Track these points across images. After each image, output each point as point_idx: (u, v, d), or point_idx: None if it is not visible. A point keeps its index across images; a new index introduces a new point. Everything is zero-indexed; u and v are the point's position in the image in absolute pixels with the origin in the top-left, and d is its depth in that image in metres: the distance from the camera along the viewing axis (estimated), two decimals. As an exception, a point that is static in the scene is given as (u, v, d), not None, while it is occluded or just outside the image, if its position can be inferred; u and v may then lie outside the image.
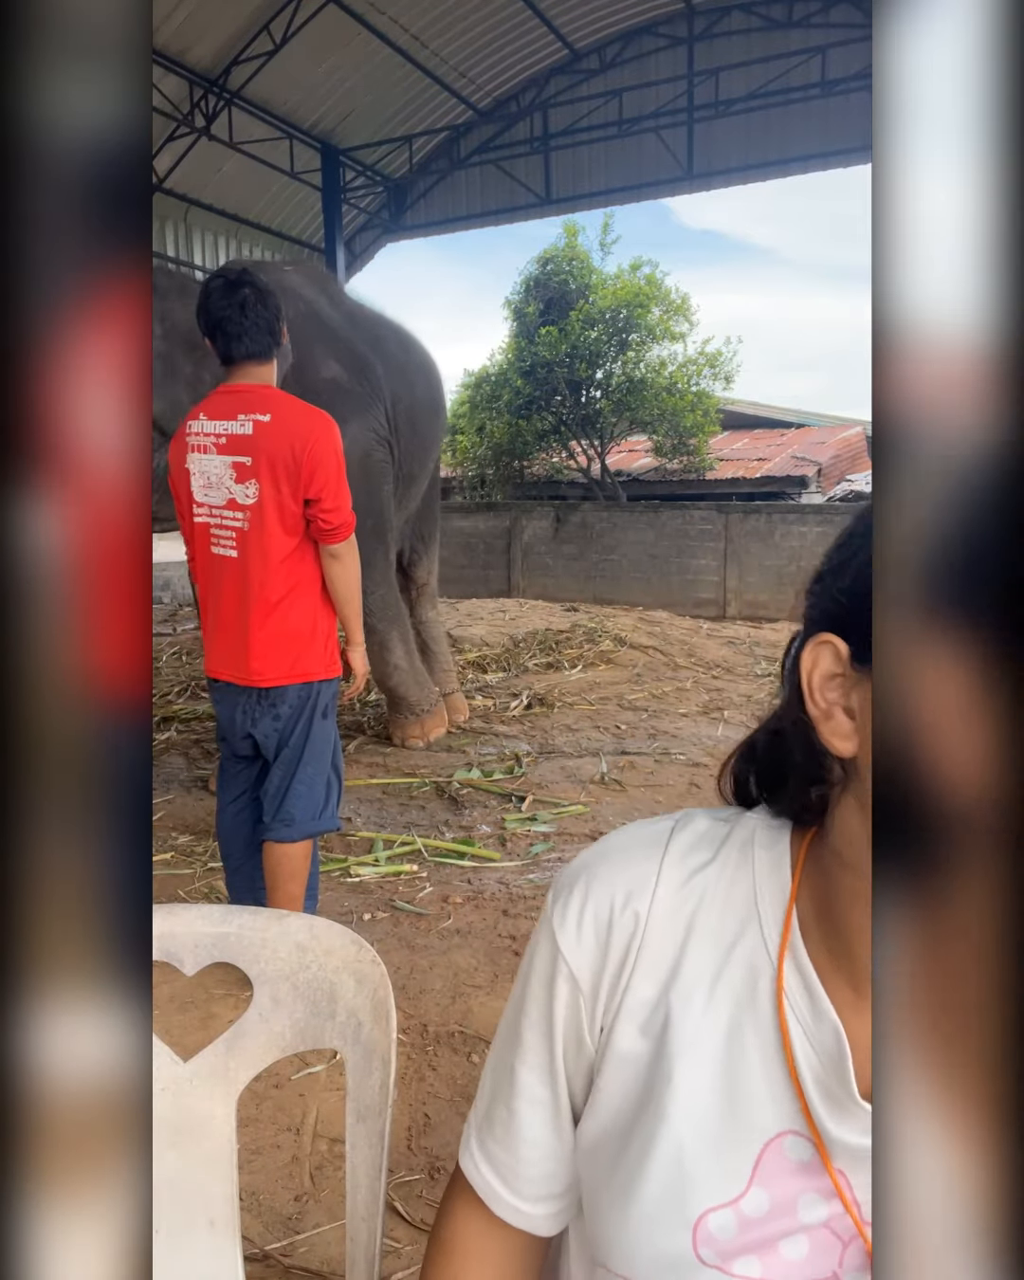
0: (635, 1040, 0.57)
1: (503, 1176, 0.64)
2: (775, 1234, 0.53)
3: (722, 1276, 0.53)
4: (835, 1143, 0.52)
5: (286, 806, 2.52)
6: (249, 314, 2.41)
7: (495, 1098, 0.65)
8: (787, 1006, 0.54)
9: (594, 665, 6.77)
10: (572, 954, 0.60)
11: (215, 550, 2.51)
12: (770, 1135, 0.54)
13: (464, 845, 3.49)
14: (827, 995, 0.53)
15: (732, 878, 0.58)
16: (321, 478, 2.36)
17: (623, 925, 0.58)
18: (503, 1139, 0.63)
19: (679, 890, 0.58)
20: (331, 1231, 1.70)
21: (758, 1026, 0.54)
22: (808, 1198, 0.53)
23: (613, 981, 0.58)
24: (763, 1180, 0.53)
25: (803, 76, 11.30)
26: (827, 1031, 0.52)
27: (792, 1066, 0.53)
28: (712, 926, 0.57)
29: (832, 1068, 0.52)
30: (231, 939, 1.02)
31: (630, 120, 12.17)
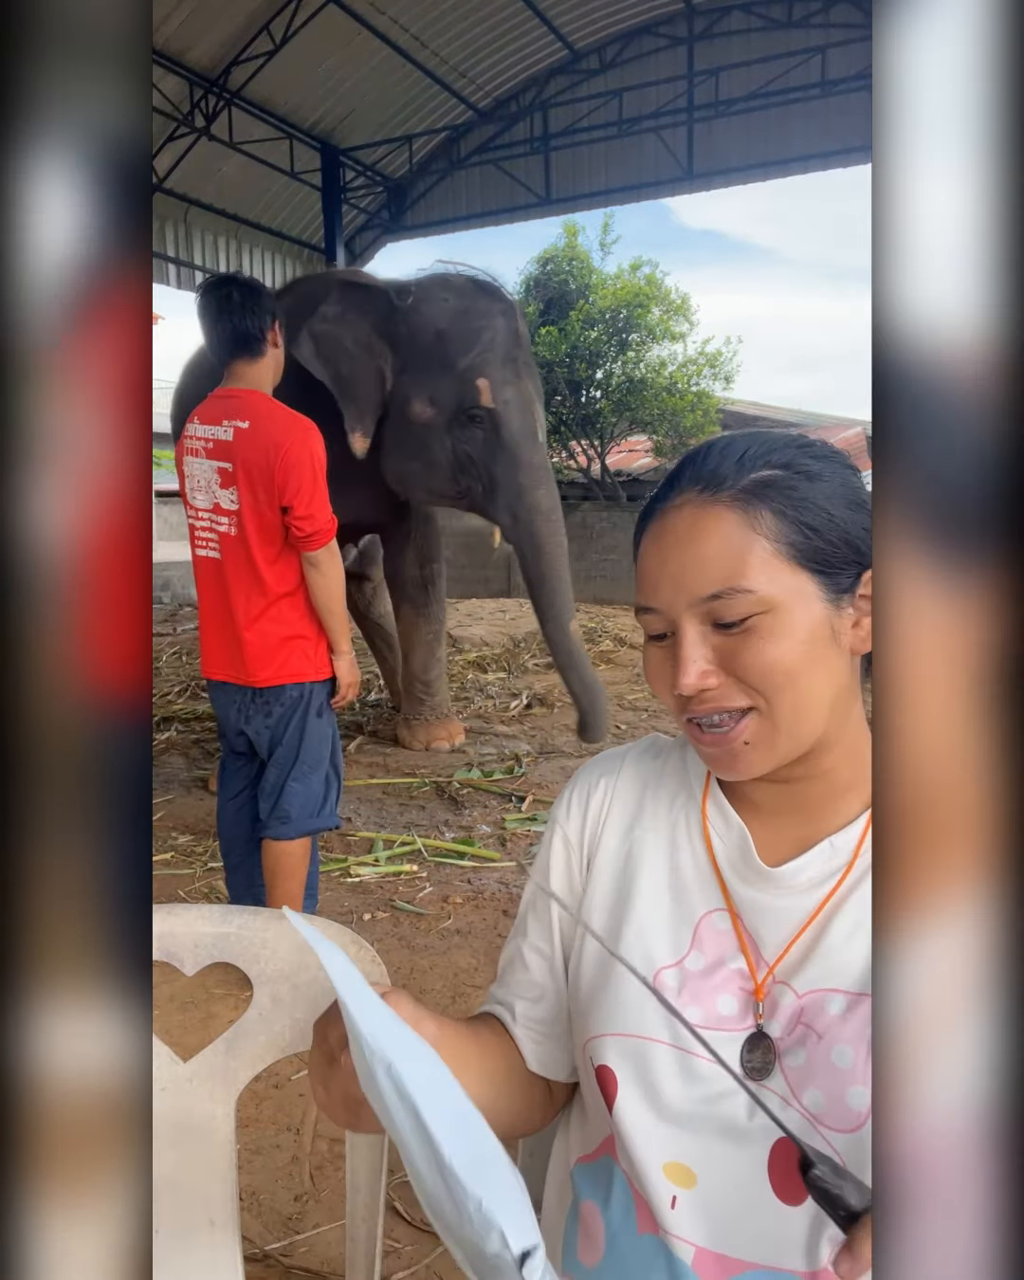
0: (609, 867, 0.80)
1: (504, 1003, 0.84)
2: (710, 989, 0.72)
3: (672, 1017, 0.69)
4: (743, 901, 0.73)
5: (282, 804, 2.52)
6: (231, 314, 2.41)
7: (509, 958, 0.86)
8: (709, 823, 0.77)
9: (594, 665, 6.77)
10: (564, 822, 0.84)
11: (202, 552, 2.53)
12: (702, 911, 0.75)
13: (464, 845, 3.49)
14: (736, 813, 0.76)
15: (675, 761, 0.83)
16: (294, 485, 2.36)
17: (597, 797, 0.83)
18: (507, 982, 0.85)
19: (637, 772, 0.84)
20: (331, 1231, 1.70)
21: (691, 840, 0.78)
22: (730, 955, 0.73)
23: (592, 834, 0.82)
24: (699, 945, 0.74)
25: (803, 76, 11.29)
26: (735, 832, 0.76)
27: (712, 857, 0.76)
28: (659, 792, 0.81)
29: (738, 850, 0.75)
30: (231, 939, 1.02)
31: (630, 120, 12.16)
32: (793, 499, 0.68)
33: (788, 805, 0.74)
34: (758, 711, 0.68)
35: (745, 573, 0.67)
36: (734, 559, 0.67)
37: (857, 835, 0.72)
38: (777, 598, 0.67)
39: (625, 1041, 0.73)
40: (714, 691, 0.68)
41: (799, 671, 0.67)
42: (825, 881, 0.71)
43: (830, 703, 0.69)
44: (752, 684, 0.67)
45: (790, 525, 0.68)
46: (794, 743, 0.69)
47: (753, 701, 0.68)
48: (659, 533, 0.71)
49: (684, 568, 0.69)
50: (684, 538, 0.69)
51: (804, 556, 0.68)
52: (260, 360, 2.47)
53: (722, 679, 0.68)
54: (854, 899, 0.70)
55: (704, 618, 0.68)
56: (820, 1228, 0.65)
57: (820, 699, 0.69)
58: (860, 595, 0.70)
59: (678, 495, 0.71)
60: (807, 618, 0.67)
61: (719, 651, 0.68)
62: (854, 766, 0.73)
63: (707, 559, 0.68)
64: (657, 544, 0.71)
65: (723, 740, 0.69)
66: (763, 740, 0.69)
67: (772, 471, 0.69)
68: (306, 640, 2.51)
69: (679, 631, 0.69)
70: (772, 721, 0.68)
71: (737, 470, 0.69)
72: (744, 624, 0.67)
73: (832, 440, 4.68)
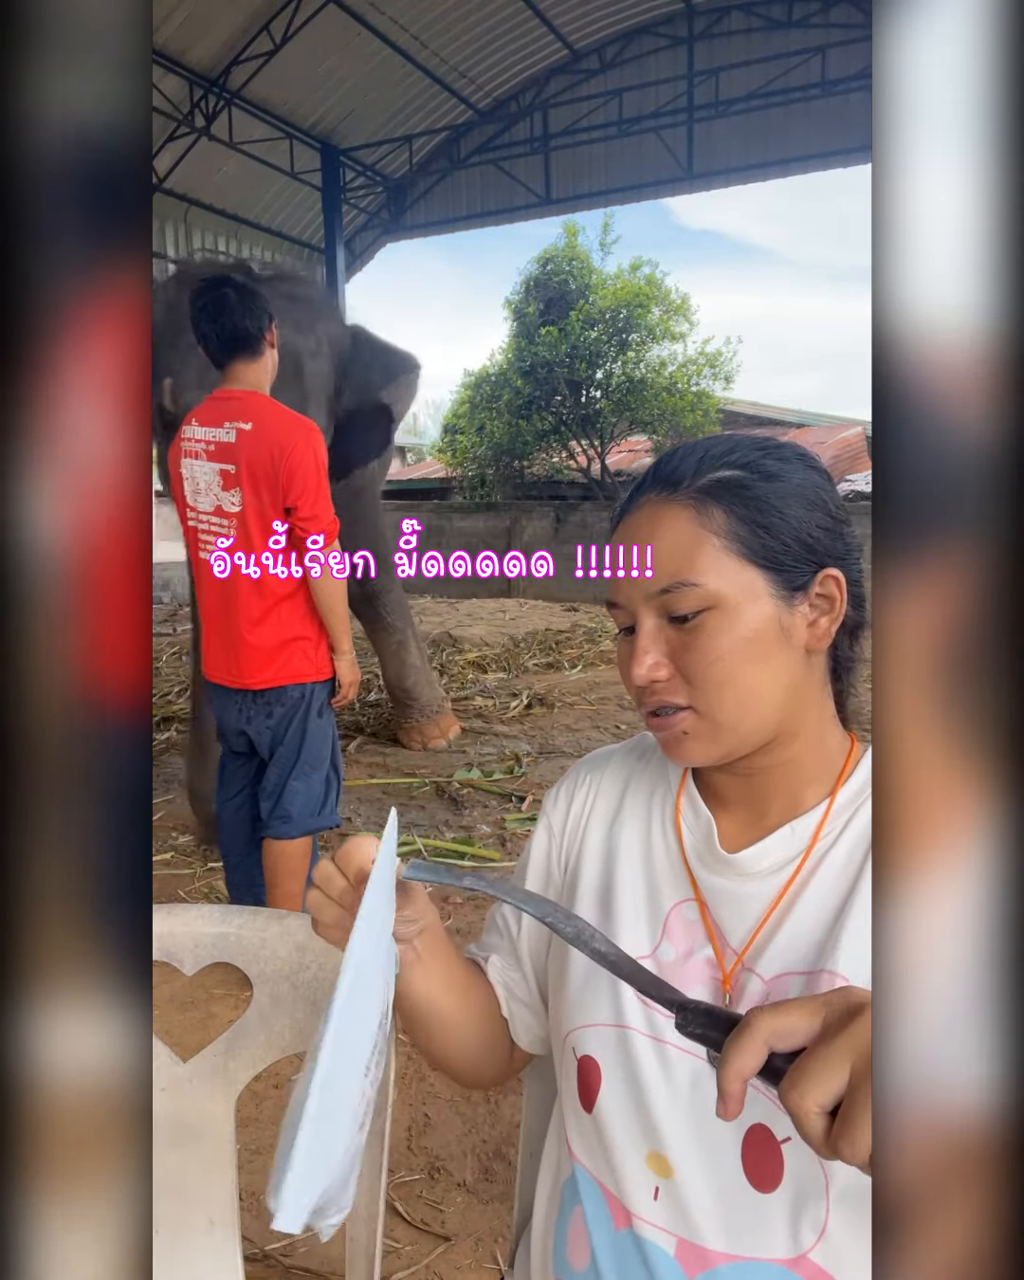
0: (593, 861, 0.83)
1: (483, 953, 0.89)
2: (682, 980, 0.72)
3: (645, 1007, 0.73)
4: (710, 890, 0.75)
5: (283, 804, 2.52)
6: (230, 314, 2.40)
7: (490, 921, 0.90)
8: (681, 815, 0.80)
9: (594, 665, 6.77)
10: (550, 812, 0.88)
11: (203, 555, 2.52)
12: (672, 902, 0.77)
13: (464, 845, 3.49)
14: (706, 806, 0.78)
15: (657, 758, 0.85)
16: (298, 486, 2.36)
17: (582, 792, 0.87)
18: (484, 941, 0.90)
19: (622, 769, 0.87)
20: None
21: (664, 832, 0.80)
22: (699, 943, 0.75)
23: (576, 828, 0.85)
24: (669, 935, 0.76)
25: (803, 76, 11.30)
26: (702, 822, 0.78)
27: (681, 846, 0.78)
28: (639, 788, 0.84)
29: (704, 839, 0.77)
30: (231, 939, 1.02)
31: (630, 120, 12.17)
32: (745, 498, 0.71)
33: (751, 795, 0.77)
34: (694, 710, 0.71)
35: (694, 567, 0.70)
36: (684, 554, 0.70)
37: (816, 820, 0.73)
38: (724, 593, 0.70)
39: (607, 1032, 0.74)
40: (662, 684, 0.72)
41: (741, 668, 0.70)
42: (786, 866, 0.73)
43: (780, 698, 0.72)
44: (693, 680, 0.71)
45: (741, 523, 0.70)
46: (737, 736, 0.72)
47: (690, 701, 0.71)
48: (621, 533, 0.75)
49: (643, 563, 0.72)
50: (641, 535, 0.73)
51: (754, 554, 0.70)
52: (259, 361, 2.46)
53: (671, 673, 0.72)
54: (815, 883, 0.71)
55: (659, 610, 0.72)
56: (799, 1214, 0.66)
57: (766, 695, 0.71)
58: (817, 594, 0.72)
59: (641, 496, 0.75)
60: (755, 614, 0.70)
61: (672, 645, 0.72)
62: (818, 758, 0.75)
63: (659, 553, 0.71)
64: (622, 542, 0.75)
65: (665, 726, 0.73)
66: (702, 733, 0.72)
67: (730, 472, 0.72)
68: (308, 641, 2.51)
69: (637, 624, 0.73)
70: (709, 720, 0.71)
71: (695, 471, 0.72)
72: (696, 618, 0.70)
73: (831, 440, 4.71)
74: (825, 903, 0.70)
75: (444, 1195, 1.80)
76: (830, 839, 0.72)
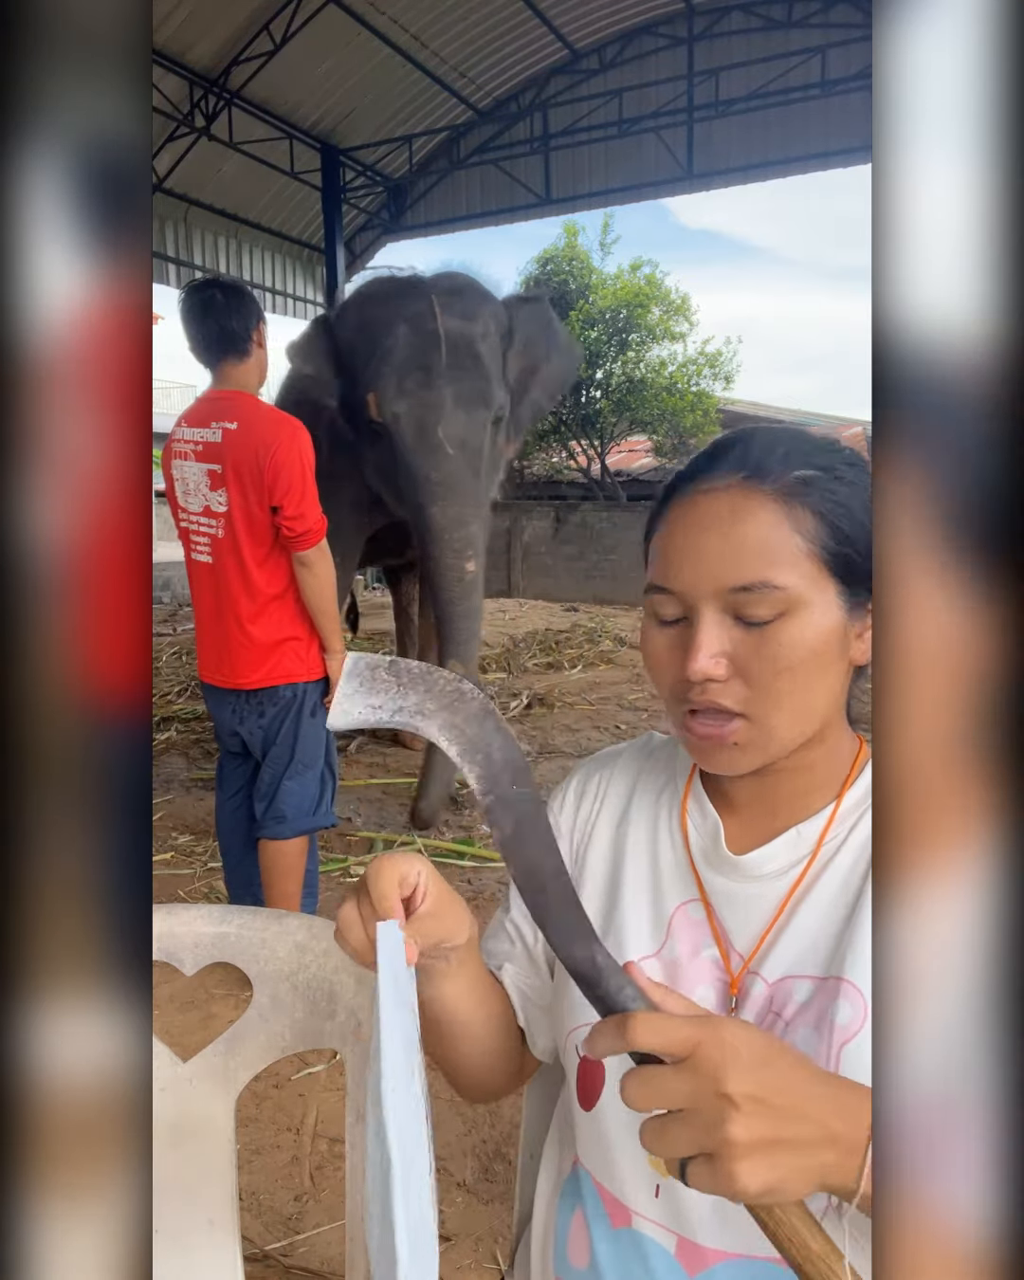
0: (601, 861, 0.81)
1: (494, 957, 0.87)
2: (687, 979, 0.72)
3: None
4: (715, 891, 0.74)
5: (277, 804, 2.53)
6: (217, 316, 2.40)
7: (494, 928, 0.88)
8: (687, 816, 0.79)
9: (594, 665, 6.78)
10: (556, 813, 0.86)
11: (194, 556, 2.54)
12: (678, 902, 0.76)
13: (464, 845, 3.49)
14: (714, 808, 0.77)
15: (665, 758, 0.85)
16: (283, 485, 2.35)
17: (591, 792, 0.85)
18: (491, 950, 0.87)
19: (629, 769, 0.85)
20: (331, 1231, 1.70)
21: (671, 832, 0.79)
22: (704, 943, 0.74)
23: (584, 828, 0.84)
24: (674, 935, 0.75)
25: (803, 76, 11.28)
26: (709, 823, 0.77)
27: (687, 846, 0.77)
28: (646, 788, 0.83)
29: (711, 840, 0.76)
30: (231, 939, 1.02)
31: (630, 120, 12.15)
32: (831, 501, 0.66)
33: (761, 798, 0.75)
34: (747, 720, 0.67)
35: (780, 568, 0.65)
36: (772, 552, 0.65)
37: (822, 824, 0.72)
38: (805, 600, 0.65)
39: None
40: (718, 685, 0.66)
41: (805, 680, 0.66)
42: (792, 869, 0.72)
43: (826, 711, 0.69)
44: (756, 687, 0.66)
45: (827, 528, 0.66)
46: (780, 746, 0.69)
47: (745, 709, 0.66)
48: (692, 512, 0.68)
49: (719, 553, 0.66)
50: (725, 520, 0.66)
51: (834, 561, 0.66)
52: (247, 361, 2.47)
53: (729, 673, 0.66)
54: (820, 885, 0.70)
55: (727, 608, 0.66)
56: None
57: (818, 707, 0.68)
58: (868, 608, 0.69)
59: (719, 477, 0.68)
60: (826, 626, 0.66)
61: (737, 645, 0.66)
62: (831, 764, 0.74)
63: (744, 548, 0.65)
64: (686, 523, 0.68)
65: (714, 735, 0.68)
66: (752, 744, 0.68)
67: (814, 471, 0.67)
68: (299, 641, 2.51)
69: (697, 616, 0.67)
70: (762, 730, 0.67)
71: (781, 464, 0.67)
72: (769, 623, 0.65)
73: (831, 440, 4.57)
74: (831, 907, 0.69)
75: (444, 1195, 1.80)
76: (836, 843, 0.72)
